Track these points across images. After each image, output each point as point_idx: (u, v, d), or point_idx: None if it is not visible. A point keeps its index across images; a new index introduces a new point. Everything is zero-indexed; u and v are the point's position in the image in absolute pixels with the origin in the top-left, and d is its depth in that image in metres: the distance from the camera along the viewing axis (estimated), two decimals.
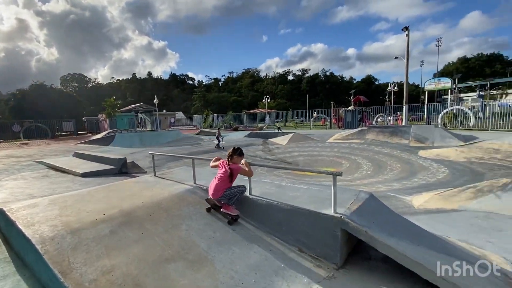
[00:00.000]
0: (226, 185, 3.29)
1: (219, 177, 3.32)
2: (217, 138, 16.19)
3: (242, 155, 3.50)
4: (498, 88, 53.53)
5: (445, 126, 19.62)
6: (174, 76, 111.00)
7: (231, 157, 3.39)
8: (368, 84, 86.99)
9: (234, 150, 3.43)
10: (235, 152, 3.41)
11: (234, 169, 3.32)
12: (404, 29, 20.45)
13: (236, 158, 3.40)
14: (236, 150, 3.43)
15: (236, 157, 3.40)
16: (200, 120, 40.27)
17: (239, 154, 3.44)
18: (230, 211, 3.29)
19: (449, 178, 7.76)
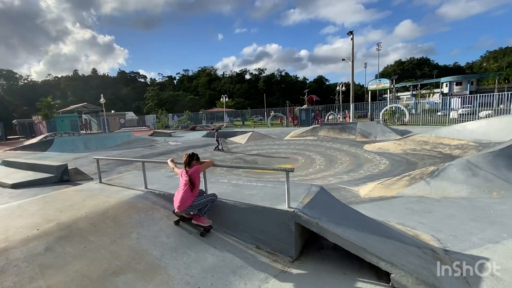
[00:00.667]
0: (193, 195, 3.07)
1: (182, 188, 3.08)
2: (216, 140, 15.03)
3: (199, 159, 3.30)
4: (426, 88, 61.75)
5: (385, 122, 21.84)
6: (123, 73, 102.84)
7: (189, 164, 3.16)
8: (319, 84, 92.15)
9: (190, 156, 3.20)
10: (192, 158, 3.19)
11: (193, 172, 3.09)
12: (349, 33, 22.16)
13: (195, 164, 3.20)
14: (193, 156, 3.22)
15: (194, 162, 3.19)
16: (153, 120, 38.10)
17: (197, 159, 3.24)
18: (202, 222, 3.10)
19: (389, 169, 8.67)
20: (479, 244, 2.97)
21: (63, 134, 20.37)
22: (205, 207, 3.13)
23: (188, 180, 3.03)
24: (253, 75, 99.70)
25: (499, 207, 4.09)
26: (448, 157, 8.76)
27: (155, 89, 66.03)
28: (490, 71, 60.79)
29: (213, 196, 3.23)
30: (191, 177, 3.05)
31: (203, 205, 3.11)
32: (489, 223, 3.54)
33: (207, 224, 3.12)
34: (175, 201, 3.08)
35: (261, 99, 68.10)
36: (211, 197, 3.21)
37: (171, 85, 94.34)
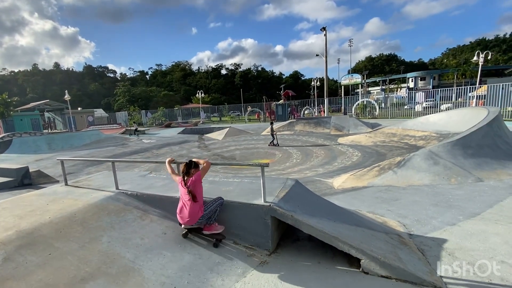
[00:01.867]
0: (200, 205, 2.83)
1: (186, 202, 2.81)
2: (272, 134, 13.67)
3: (198, 165, 3.00)
4: (395, 82, 65.21)
5: (357, 116, 22.78)
6: (90, 68, 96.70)
7: (188, 173, 2.86)
8: (295, 79, 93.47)
9: (188, 165, 2.90)
10: (190, 167, 2.89)
11: (193, 182, 2.81)
12: (322, 29, 22.64)
13: (194, 171, 2.90)
14: (190, 164, 2.91)
15: (193, 170, 2.89)
16: (125, 118, 36.40)
17: (195, 167, 2.93)
18: (214, 229, 2.90)
19: (361, 160, 9.08)
20: (439, 227, 3.23)
21: (22, 134, 18.77)
22: (215, 213, 2.92)
23: (188, 192, 2.78)
24: (229, 70, 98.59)
25: (456, 192, 4.47)
26: (413, 147, 9.36)
27: (126, 84, 62.92)
28: (450, 67, 65.60)
29: (220, 199, 2.98)
30: (191, 188, 2.78)
31: (213, 212, 2.91)
32: (448, 207, 3.86)
33: (220, 230, 2.91)
34: (182, 217, 2.83)
35: (238, 94, 67.72)
36: (218, 201, 2.96)
37: (144, 81, 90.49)
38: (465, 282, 2.22)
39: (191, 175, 2.85)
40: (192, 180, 2.81)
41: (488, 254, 2.59)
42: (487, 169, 5.34)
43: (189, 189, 2.77)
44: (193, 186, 2.80)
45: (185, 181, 2.83)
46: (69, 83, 73.20)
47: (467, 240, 2.89)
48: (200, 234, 2.98)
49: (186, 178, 2.84)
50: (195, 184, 2.82)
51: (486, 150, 5.91)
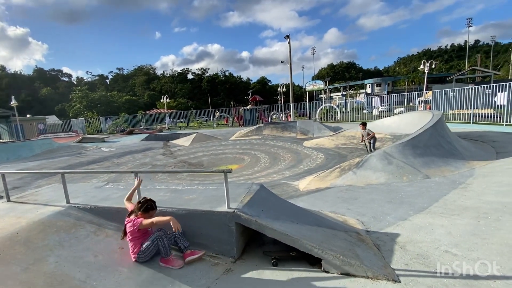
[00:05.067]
0: (133, 246, 2.66)
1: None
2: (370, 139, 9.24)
3: (149, 209, 2.69)
4: (354, 88, 69.74)
5: (321, 120, 23.82)
6: (41, 71, 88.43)
7: (136, 212, 2.70)
8: (262, 85, 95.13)
9: (139, 204, 2.71)
10: (140, 208, 2.69)
11: (132, 227, 2.62)
12: (286, 37, 23.43)
13: (140, 215, 2.67)
14: (141, 206, 2.68)
15: (140, 214, 2.67)
16: (82, 125, 33.72)
17: (145, 211, 2.67)
18: (170, 264, 2.64)
19: (324, 162, 9.48)
20: (393, 222, 3.48)
21: None
22: (158, 248, 2.64)
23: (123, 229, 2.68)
24: (196, 74, 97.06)
25: (407, 189, 4.87)
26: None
27: (84, 89, 58.47)
28: (401, 74, 72.14)
29: (157, 232, 2.67)
30: (125, 227, 2.67)
31: (150, 248, 2.63)
32: (400, 203, 4.18)
33: (178, 266, 2.61)
34: None
35: (206, 99, 66.84)
36: (154, 234, 2.66)
37: (103, 85, 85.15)
38: (415, 273, 2.40)
39: (137, 216, 2.66)
40: (130, 225, 2.63)
41: (434, 245, 2.84)
42: (433, 167, 5.91)
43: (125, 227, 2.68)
44: (128, 229, 2.65)
45: (128, 216, 2.72)
46: (17, 88, 66.27)
47: (416, 233, 3.15)
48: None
49: (129, 217, 2.71)
50: (133, 229, 2.62)
51: (432, 150, 6.55)
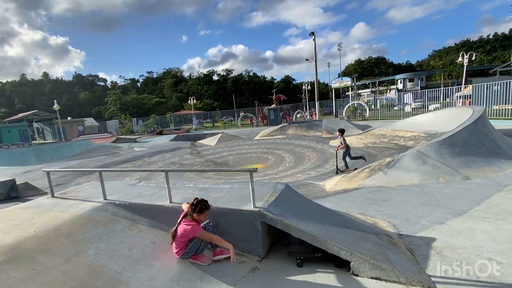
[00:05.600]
0: (178, 247, 2.69)
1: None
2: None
3: (203, 210, 2.67)
4: (384, 84, 66.46)
5: (348, 118, 23.06)
6: (80, 77, 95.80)
7: (191, 214, 2.68)
8: (286, 83, 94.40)
9: (193, 206, 2.67)
10: (194, 210, 2.65)
11: (184, 231, 2.61)
12: (311, 34, 22.99)
13: (197, 217, 2.67)
14: (196, 206, 2.65)
15: (196, 215, 2.66)
16: (116, 126, 35.96)
17: (200, 212, 2.64)
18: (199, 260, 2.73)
19: (352, 162, 9.14)
20: (428, 226, 3.27)
21: (10, 146, 18.33)
22: (199, 247, 2.71)
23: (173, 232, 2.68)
24: (221, 76, 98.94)
25: (444, 191, 4.54)
26: (403, 148, 9.50)
27: (117, 92, 62.34)
28: (436, 68, 67.37)
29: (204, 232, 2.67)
30: (177, 232, 2.65)
31: (197, 246, 2.71)
32: (436, 206, 3.91)
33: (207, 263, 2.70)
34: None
35: (231, 100, 67.86)
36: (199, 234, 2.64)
37: (135, 88, 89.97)
38: (453, 281, 2.24)
39: (192, 220, 2.65)
40: (186, 229, 2.61)
41: (475, 252, 2.62)
42: (473, 167, 5.45)
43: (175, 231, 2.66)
44: (185, 232, 2.62)
45: (180, 220, 2.68)
46: (59, 93, 72.32)
47: (455, 238, 2.93)
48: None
49: (184, 220, 2.67)
50: (184, 234, 2.63)
51: (472, 148, 6.04)
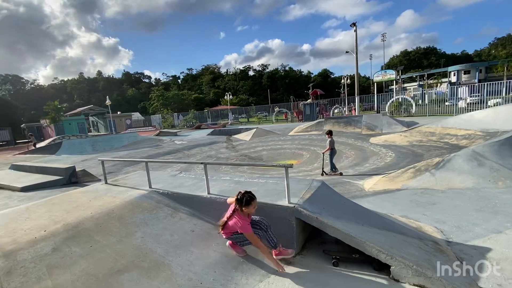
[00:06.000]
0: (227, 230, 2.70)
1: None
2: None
3: (251, 201, 2.56)
4: (434, 77, 60.41)
5: (391, 114, 21.54)
6: (128, 74, 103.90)
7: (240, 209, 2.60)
8: (324, 77, 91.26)
9: (238, 200, 2.58)
10: (240, 203, 2.55)
11: (235, 224, 2.57)
12: (352, 25, 21.82)
13: (246, 210, 2.57)
14: (242, 200, 2.55)
15: (245, 208, 2.56)
16: (159, 120, 38.44)
17: (246, 204, 2.54)
18: (236, 250, 2.81)
19: (395, 161, 8.57)
20: (482, 234, 2.94)
21: (71, 137, 20.76)
22: (243, 241, 2.70)
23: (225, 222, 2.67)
24: (256, 71, 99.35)
25: (504, 197, 4.02)
26: (455, 147, 8.61)
27: (160, 89, 66.41)
28: (499, 58, 59.09)
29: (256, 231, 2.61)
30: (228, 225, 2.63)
31: (241, 240, 2.70)
32: (494, 213, 3.49)
33: (242, 254, 2.74)
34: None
35: (266, 95, 67.94)
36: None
37: (176, 85, 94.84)
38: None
39: (241, 214, 2.58)
40: (237, 223, 2.54)
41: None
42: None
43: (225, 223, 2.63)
44: (234, 225, 2.58)
45: (232, 213, 2.62)
46: (110, 89, 79.31)
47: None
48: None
49: (236, 213, 2.59)
50: (234, 227, 2.58)
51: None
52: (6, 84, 70.86)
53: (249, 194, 2.59)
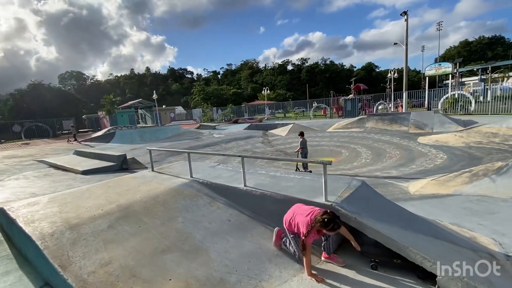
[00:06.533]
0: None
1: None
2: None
3: (337, 228, 2.28)
4: (499, 71, 52.76)
5: (445, 112, 19.48)
6: (172, 70, 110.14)
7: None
8: (368, 71, 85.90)
9: (324, 221, 2.26)
10: (325, 226, 2.26)
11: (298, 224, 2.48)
12: (402, 13, 20.06)
13: (327, 232, 2.33)
14: (328, 223, 2.25)
15: (327, 231, 2.31)
16: (199, 114, 40.18)
17: (331, 229, 2.27)
18: (276, 240, 2.82)
19: (447, 164, 7.79)
20: None
21: (123, 128, 22.85)
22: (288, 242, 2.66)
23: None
24: (295, 65, 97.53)
25: None
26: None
27: (201, 84, 69.32)
28: None
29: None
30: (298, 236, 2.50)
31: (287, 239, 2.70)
32: None
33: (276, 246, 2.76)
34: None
35: (304, 90, 66.52)
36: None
37: (216, 80, 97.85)
38: None
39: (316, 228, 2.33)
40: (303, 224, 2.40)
41: None
42: None
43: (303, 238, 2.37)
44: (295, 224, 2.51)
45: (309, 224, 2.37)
46: (156, 84, 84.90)
47: None
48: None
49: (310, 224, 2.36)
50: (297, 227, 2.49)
51: None
52: (71, 79, 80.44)
53: (338, 220, 2.30)
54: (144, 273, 2.29)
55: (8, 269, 2.72)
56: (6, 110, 35.22)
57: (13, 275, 2.61)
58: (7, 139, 26.09)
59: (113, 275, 2.24)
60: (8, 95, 38.00)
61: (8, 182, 7.19)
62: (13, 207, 3.34)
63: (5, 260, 2.89)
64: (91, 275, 2.22)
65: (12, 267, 2.75)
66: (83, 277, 2.18)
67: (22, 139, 26.25)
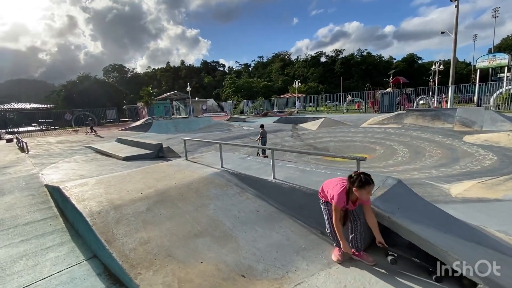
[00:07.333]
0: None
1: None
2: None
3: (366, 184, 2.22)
4: None
5: (498, 109, 17.52)
6: (205, 63, 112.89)
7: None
8: (409, 63, 79.92)
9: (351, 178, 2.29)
10: (353, 182, 2.26)
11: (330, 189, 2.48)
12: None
13: (358, 192, 2.26)
14: (355, 179, 2.25)
15: (356, 189, 2.26)
16: (230, 107, 40.87)
17: (359, 186, 2.22)
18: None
19: (496, 166, 7.06)
20: None
21: (159, 118, 24.12)
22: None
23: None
24: (329, 57, 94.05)
25: None
26: None
27: (232, 77, 70.16)
28: None
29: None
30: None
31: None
32: None
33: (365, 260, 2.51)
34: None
35: (337, 82, 64.05)
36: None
37: (247, 72, 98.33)
38: None
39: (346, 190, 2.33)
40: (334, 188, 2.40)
41: None
42: None
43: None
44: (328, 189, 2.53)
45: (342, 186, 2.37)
46: (190, 77, 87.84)
47: None
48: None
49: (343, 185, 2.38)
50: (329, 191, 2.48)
51: None
52: (114, 72, 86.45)
53: (367, 177, 2.23)
54: (178, 254, 2.46)
55: (63, 240, 3.09)
56: (59, 100, 39.18)
57: (67, 246, 2.96)
58: (60, 126, 29.06)
59: (151, 253, 2.43)
60: (61, 86, 42.14)
61: (61, 165, 8.06)
62: (67, 186, 3.75)
63: (60, 232, 3.28)
64: (132, 251, 2.44)
65: (66, 239, 3.12)
66: (125, 253, 2.41)
67: (72, 126, 29.05)
